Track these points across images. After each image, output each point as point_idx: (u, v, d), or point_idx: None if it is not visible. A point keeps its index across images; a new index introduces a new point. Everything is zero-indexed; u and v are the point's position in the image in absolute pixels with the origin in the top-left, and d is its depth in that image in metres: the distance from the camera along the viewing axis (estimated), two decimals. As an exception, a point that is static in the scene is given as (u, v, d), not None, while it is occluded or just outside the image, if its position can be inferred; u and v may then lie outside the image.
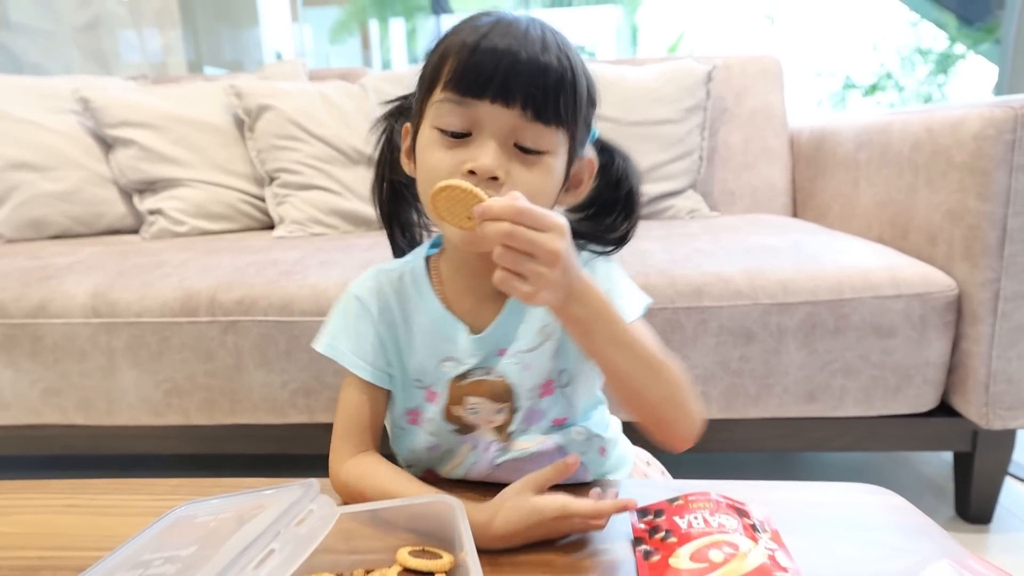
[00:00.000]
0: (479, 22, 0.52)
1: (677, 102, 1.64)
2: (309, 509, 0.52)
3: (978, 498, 1.16)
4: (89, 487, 0.71)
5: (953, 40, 3.67)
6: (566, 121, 0.52)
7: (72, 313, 1.12)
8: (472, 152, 0.51)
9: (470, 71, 0.50)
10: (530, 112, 0.50)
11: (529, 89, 0.50)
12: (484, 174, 0.50)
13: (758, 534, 0.56)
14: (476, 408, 0.61)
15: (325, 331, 0.63)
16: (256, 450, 1.21)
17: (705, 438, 1.19)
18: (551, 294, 0.47)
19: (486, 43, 0.50)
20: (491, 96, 0.50)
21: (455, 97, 0.51)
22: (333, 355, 0.62)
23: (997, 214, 0.99)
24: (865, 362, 1.07)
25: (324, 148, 1.58)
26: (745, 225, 1.42)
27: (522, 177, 0.52)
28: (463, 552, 0.50)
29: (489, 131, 0.51)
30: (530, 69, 0.50)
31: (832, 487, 0.67)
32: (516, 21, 0.52)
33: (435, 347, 0.61)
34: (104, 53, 4.82)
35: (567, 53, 0.52)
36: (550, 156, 0.53)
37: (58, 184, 1.58)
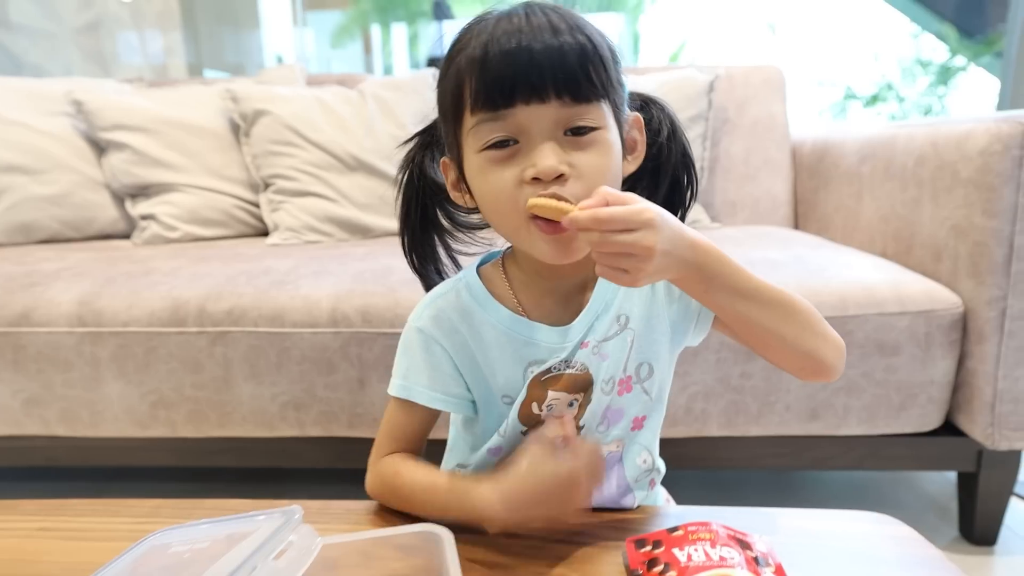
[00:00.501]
0: (480, 29, 0.50)
1: (679, 112, 1.58)
2: (289, 540, 0.50)
3: (982, 519, 1.13)
4: (65, 508, 0.68)
5: (954, 52, 3.66)
6: (604, 91, 0.50)
7: (56, 322, 1.09)
8: (529, 159, 0.49)
9: (491, 85, 0.49)
10: (567, 98, 0.49)
11: (556, 78, 0.48)
12: (548, 176, 0.48)
13: (761, 568, 0.54)
14: (553, 403, 0.59)
15: (396, 372, 0.60)
16: (245, 464, 1.18)
17: (705, 455, 1.18)
18: (656, 277, 0.48)
19: (495, 50, 0.48)
20: (522, 99, 0.48)
21: (488, 115, 0.49)
22: (408, 396, 0.59)
23: (1004, 231, 0.96)
24: (868, 380, 1.05)
25: (320, 154, 1.56)
26: (746, 238, 1.40)
27: (585, 162, 0.50)
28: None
29: (536, 131, 0.49)
30: (549, 58, 0.48)
31: (838, 515, 0.64)
32: (515, 14, 0.50)
33: (516, 355, 0.58)
34: (104, 55, 4.80)
35: (577, 25, 0.50)
36: (604, 131, 0.51)
37: (49, 188, 1.56)
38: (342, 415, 1.10)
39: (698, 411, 1.07)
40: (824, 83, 4.19)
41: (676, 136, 0.60)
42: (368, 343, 1.06)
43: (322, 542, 0.52)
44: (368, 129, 1.59)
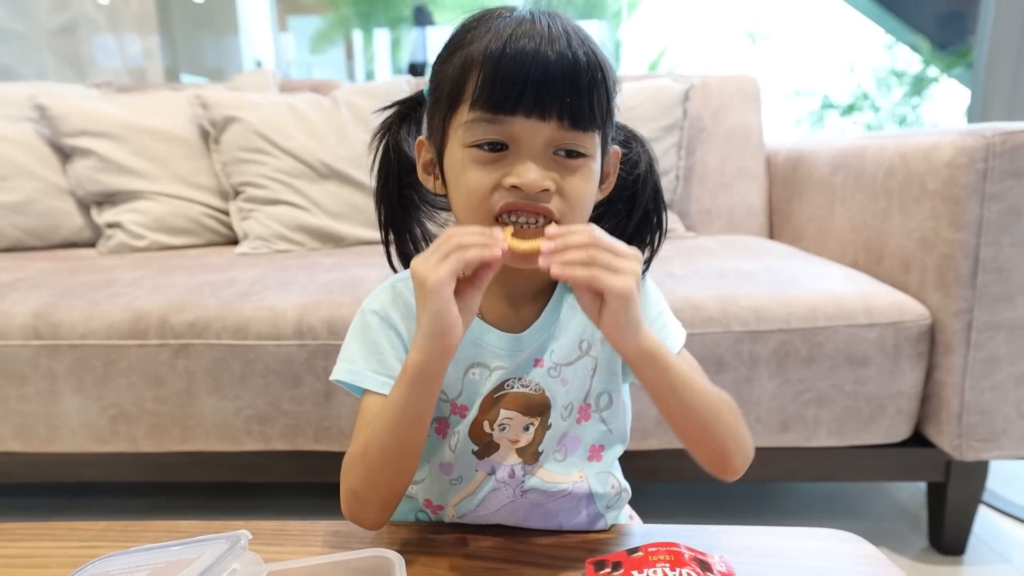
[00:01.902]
0: (497, 25, 0.49)
1: (654, 121, 1.62)
2: (232, 568, 0.48)
3: (951, 529, 1.13)
4: (6, 532, 0.65)
5: (927, 63, 3.73)
6: (601, 122, 0.50)
7: (11, 335, 1.06)
8: (513, 168, 0.49)
9: (499, 86, 0.47)
10: (567, 122, 0.48)
11: (563, 98, 0.47)
12: (531, 189, 0.48)
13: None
14: (506, 424, 0.57)
15: (343, 357, 0.58)
16: (209, 479, 1.16)
17: (678, 468, 1.17)
18: (628, 309, 0.47)
19: (511, 49, 0.47)
20: (525, 111, 0.47)
21: (486, 116, 0.48)
22: (355, 380, 0.56)
23: (969, 243, 0.97)
24: (838, 392, 1.05)
25: (292, 162, 1.54)
26: (720, 248, 1.40)
27: (570, 184, 0.50)
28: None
29: (527, 144, 0.49)
30: (562, 76, 0.47)
31: (801, 533, 0.63)
32: (536, 19, 0.49)
33: (461, 352, 0.56)
34: (79, 58, 4.73)
35: (591, 47, 0.49)
36: (591, 159, 0.51)
37: (10, 195, 1.52)
38: (308, 429, 1.08)
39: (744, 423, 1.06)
40: (802, 92, 4.24)
41: (652, 174, 0.60)
42: (334, 355, 1.02)
43: (267, 568, 0.50)
44: (341, 136, 1.58)
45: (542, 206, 0.49)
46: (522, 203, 0.49)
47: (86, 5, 4.74)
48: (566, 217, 0.51)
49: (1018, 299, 0.97)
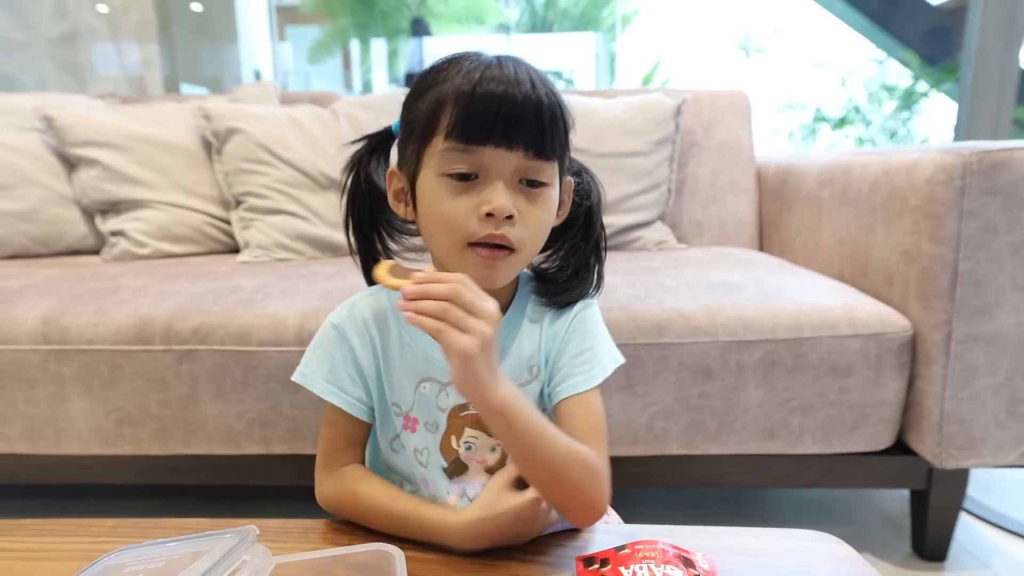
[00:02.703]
0: (467, 67, 0.54)
1: (646, 135, 1.66)
2: (243, 559, 0.51)
3: (933, 536, 1.17)
4: (21, 528, 0.68)
5: (917, 78, 3.79)
6: (559, 152, 0.56)
7: (20, 339, 1.09)
8: (484, 195, 0.54)
9: (472, 120, 0.53)
10: (532, 152, 0.54)
11: (529, 131, 0.53)
12: (501, 214, 0.53)
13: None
14: (471, 443, 0.62)
15: (304, 362, 0.63)
16: (211, 481, 1.18)
17: (666, 473, 1.20)
18: (467, 364, 0.49)
19: (482, 90, 0.52)
20: (495, 142, 0.53)
21: (459, 146, 0.53)
22: (305, 383, 0.62)
23: (948, 258, 1.01)
24: (823, 400, 1.08)
25: (292, 172, 1.57)
26: (710, 259, 1.44)
27: (530, 212, 0.56)
28: (401, 604, 0.49)
29: (496, 173, 0.54)
30: (527, 112, 0.53)
31: (781, 534, 0.66)
32: (503, 63, 0.55)
33: (413, 367, 0.62)
34: (79, 66, 4.77)
35: (549, 87, 0.55)
36: (550, 187, 0.57)
37: (17, 203, 1.55)
38: (308, 433, 1.11)
39: (658, 430, 1.10)
40: (795, 106, 4.30)
41: (599, 211, 0.66)
42: (335, 362, 1.07)
43: (276, 561, 0.53)
44: (340, 148, 1.61)
45: (508, 237, 0.54)
46: (497, 235, 0.54)
47: (86, 14, 4.79)
48: (525, 244, 0.56)
49: (995, 312, 1.01)
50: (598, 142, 1.63)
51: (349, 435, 0.64)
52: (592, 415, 0.61)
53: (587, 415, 0.60)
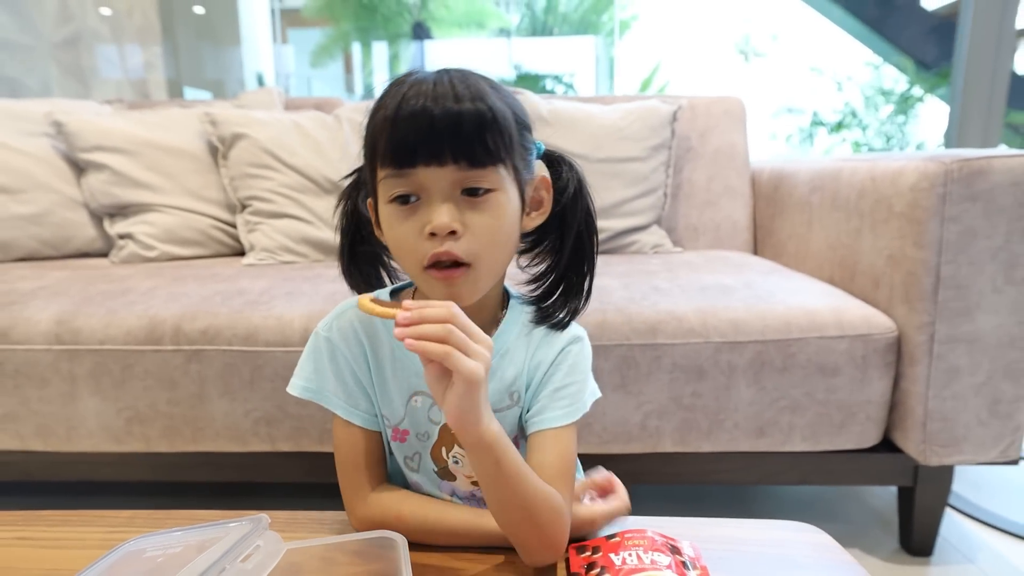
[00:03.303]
0: (396, 91, 0.54)
1: (643, 140, 1.69)
2: (256, 544, 0.54)
3: (920, 531, 1.20)
4: (42, 519, 0.72)
5: (912, 83, 3.83)
6: (499, 157, 0.55)
7: (34, 340, 1.12)
8: (427, 215, 0.54)
9: (396, 145, 0.53)
10: (463, 163, 0.53)
11: (453, 145, 0.52)
12: (442, 231, 0.53)
13: (688, 570, 0.59)
14: (459, 458, 0.63)
15: (298, 374, 0.64)
16: (217, 478, 1.22)
17: (660, 471, 1.23)
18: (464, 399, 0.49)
19: (402, 113, 0.53)
20: (423, 162, 0.53)
21: (394, 171, 0.54)
22: (311, 397, 0.63)
23: (931, 262, 1.04)
24: (811, 399, 1.12)
25: (297, 177, 1.61)
26: (704, 263, 1.47)
27: (477, 221, 0.54)
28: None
29: (435, 190, 0.54)
30: (447, 126, 0.52)
31: (764, 525, 0.70)
32: (424, 80, 0.54)
33: (404, 381, 0.62)
34: (83, 69, 4.80)
35: (479, 94, 0.54)
36: (497, 192, 0.55)
37: (28, 207, 1.58)
38: (312, 430, 1.14)
39: (652, 428, 1.13)
40: (793, 110, 4.34)
41: (582, 195, 0.63)
42: (339, 362, 1.10)
43: (287, 547, 0.56)
44: (344, 153, 1.65)
45: (453, 253, 0.53)
46: (441, 252, 0.53)
47: (90, 18, 4.82)
48: (479, 256, 0.55)
49: (975, 314, 1.04)
50: (596, 148, 1.67)
51: (370, 452, 0.64)
52: (564, 453, 0.60)
53: (559, 452, 0.60)
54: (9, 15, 4.00)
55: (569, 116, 1.71)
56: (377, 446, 0.65)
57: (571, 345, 0.63)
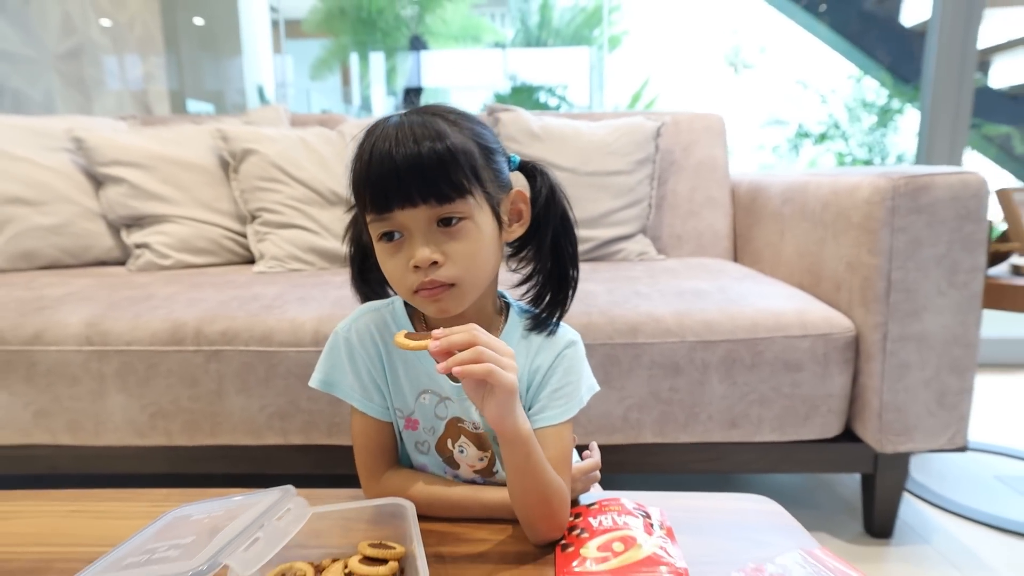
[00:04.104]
0: (367, 143, 0.60)
1: (629, 155, 1.80)
2: (287, 507, 0.64)
3: (880, 515, 1.30)
4: (88, 496, 0.81)
5: (891, 96, 3.96)
6: (465, 189, 0.60)
7: (66, 341, 1.22)
8: (410, 250, 0.61)
9: (371, 195, 0.60)
10: (432, 200, 0.59)
11: (419, 187, 0.58)
12: (424, 264, 0.60)
13: (655, 530, 0.70)
14: (463, 448, 0.71)
15: (319, 369, 0.71)
16: (233, 470, 1.31)
17: (641, 461, 1.34)
18: (500, 407, 0.57)
19: (375, 164, 0.59)
20: (398, 206, 0.59)
21: (376, 216, 0.61)
22: (329, 390, 0.70)
23: (883, 268, 1.15)
24: (777, 393, 1.22)
25: (303, 190, 1.71)
26: (684, 269, 1.58)
27: (454, 249, 0.61)
28: (412, 545, 0.62)
29: (413, 227, 0.60)
30: (409, 170, 0.58)
31: (723, 497, 0.80)
32: (387, 126, 0.60)
33: (415, 381, 0.69)
34: (85, 80, 4.89)
35: (437, 134, 0.59)
36: (469, 220, 0.61)
37: (50, 218, 1.68)
38: (322, 424, 1.24)
39: (633, 420, 1.23)
40: (780, 122, 4.46)
41: (555, 199, 0.69)
42: (346, 361, 1.20)
43: (312, 511, 0.66)
44: (347, 167, 1.75)
45: (436, 281, 0.60)
46: (426, 282, 0.61)
47: (92, 30, 4.92)
48: (461, 277, 0.61)
49: (923, 315, 1.15)
50: (584, 162, 1.77)
51: (382, 442, 0.72)
52: (563, 446, 0.67)
53: (558, 446, 0.67)
54: (13, 28, 4.09)
55: (559, 132, 1.82)
56: (389, 435, 0.73)
57: (566, 350, 0.70)
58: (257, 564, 0.56)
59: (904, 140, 4.05)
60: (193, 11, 5.39)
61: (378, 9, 5.93)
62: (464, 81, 6.34)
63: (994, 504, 1.44)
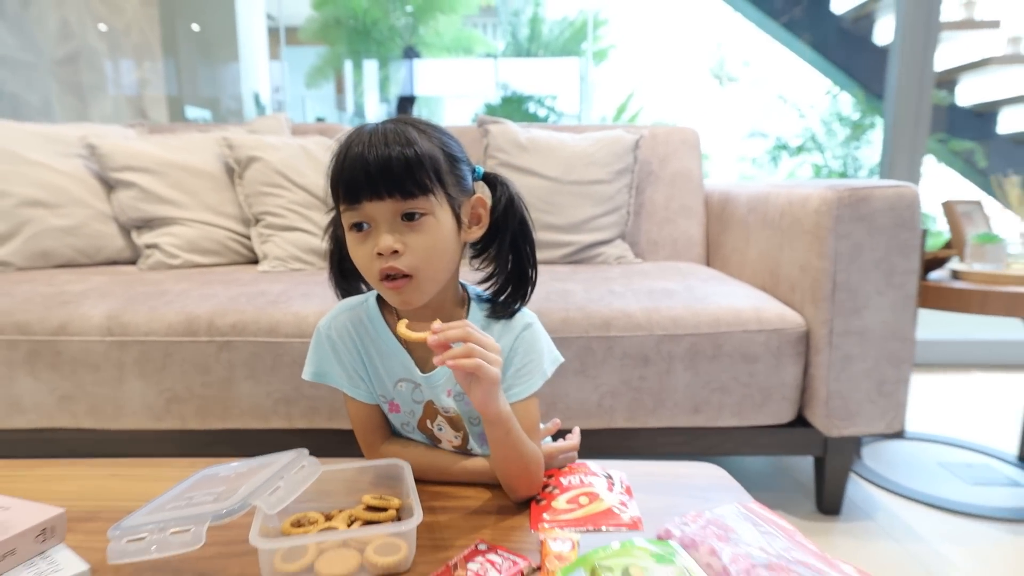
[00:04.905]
0: (345, 144, 0.68)
1: (609, 165, 1.92)
2: (302, 464, 0.75)
3: (829, 494, 1.43)
4: (123, 463, 0.91)
5: (864, 111, 4.13)
6: (429, 187, 0.67)
7: (89, 332, 1.32)
8: (375, 240, 0.68)
9: (348, 184, 0.67)
10: (397, 195, 0.66)
11: (386, 183, 0.66)
12: (385, 251, 0.67)
13: (615, 488, 0.82)
14: (441, 426, 0.81)
15: (310, 362, 0.82)
16: (242, 452, 1.39)
17: (614, 444, 1.46)
18: (485, 391, 0.66)
19: (350, 159, 0.66)
20: (367, 198, 0.66)
21: (347, 206, 0.68)
22: (321, 380, 0.81)
23: (829, 270, 1.28)
24: (736, 383, 1.35)
25: (304, 195, 1.82)
26: (656, 271, 1.70)
27: (415, 241, 0.68)
28: (408, 498, 0.73)
29: (380, 218, 0.68)
30: (379, 168, 0.65)
31: (678, 464, 0.91)
32: (365, 132, 0.67)
33: (391, 371, 0.79)
34: (83, 86, 4.97)
35: (407, 140, 0.66)
36: (430, 216, 0.68)
37: (65, 220, 1.78)
38: (324, 409, 1.35)
39: (607, 407, 1.35)
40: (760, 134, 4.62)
41: (514, 206, 0.76)
42: (346, 351, 1.31)
43: (323, 468, 0.77)
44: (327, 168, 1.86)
45: (397, 268, 0.67)
46: (387, 268, 0.68)
47: (90, 36, 5.00)
48: (418, 268, 0.68)
49: (863, 312, 1.28)
50: (567, 172, 1.90)
51: (375, 419, 0.83)
52: (531, 416, 0.76)
53: (527, 416, 0.75)
54: (12, 34, 4.17)
55: (544, 143, 1.94)
56: (380, 413, 0.83)
57: (524, 332, 0.78)
58: (279, 506, 0.67)
59: (876, 153, 4.22)
60: (190, 17, 5.46)
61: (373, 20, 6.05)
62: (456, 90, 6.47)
63: (935, 486, 1.57)
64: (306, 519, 0.74)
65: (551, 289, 1.42)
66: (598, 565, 0.63)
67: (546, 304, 1.35)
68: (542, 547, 0.67)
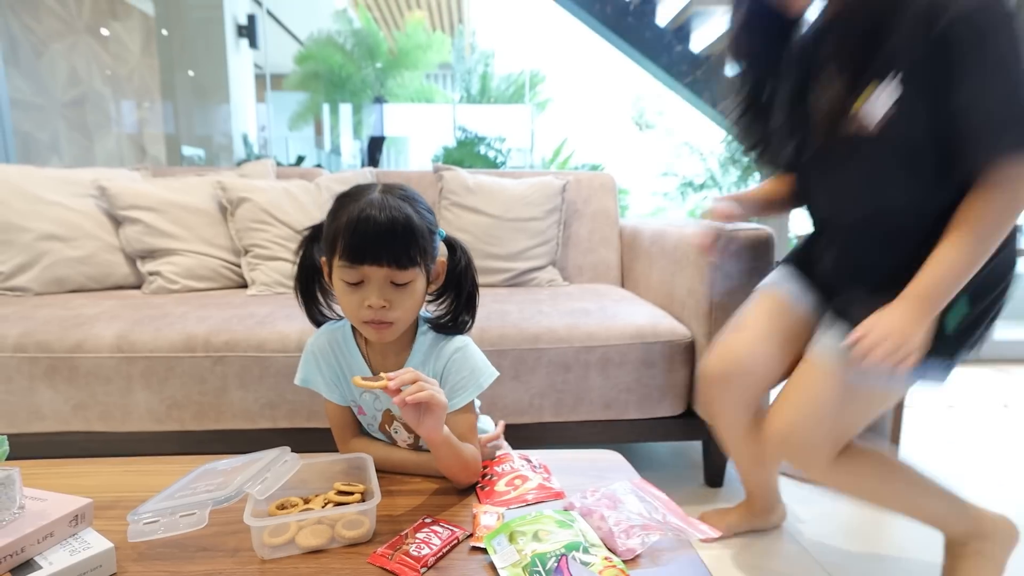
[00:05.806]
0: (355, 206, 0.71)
1: (541, 205, 2.02)
2: (285, 460, 0.81)
3: (713, 471, 1.55)
4: (135, 461, 0.94)
5: (750, 157, 4.38)
6: (417, 260, 0.74)
7: (102, 349, 1.34)
8: (366, 294, 0.73)
9: (353, 248, 0.71)
10: (394, 265, 0.73)
11: (388, 255, 0.71)
12: (376, 306, 0.73)
13: (538, 471, 0.90)
14: (397, 429, 0.88)
15: (300, 371, 0.88)
16: (233, 450, 1.40)
17: (542, 437, 1.55)
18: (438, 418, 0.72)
19: (360, 227, 0.70)
20: (369, 262, 0.72)
21: (347, 264, 0.72)
22: (307, 386, 0.87)
23: (707, 293, 1.40)
24: (639, 383, 1.45)
25: (287, 230, 1.86)
26: (579, 293, 1.81)
27: (399, 299, 0.75)
28: (371, 484, 0.79)
29: (373, 279, 0.73)
30: (387, 240, 0.70)
31: (581, 452, 0.99)
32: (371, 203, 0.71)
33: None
34: (88, 125, 4.85)
35: (406, 216, 0.71)
36: (413, 283, 0.76)
37: (78, 251, 1.77)
38: (303, 411, 1.40)
39: (536, 405, 1.44)
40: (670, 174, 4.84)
41: (469, 267, 0.85)
42: (323, 363, 1.36)
43: (304, 461, 0.83)
44: (323, 212, 1.87)
45: (383, 317, 0.74)
46: (375, 318, 0.74)
47: (96, 81, 4.88)
48: (399, 318, 0.75)
49: (734, 326, 1.41)
50: (507, 210, 1.99)
51: (348, 419, 0.89)
52: (468, 421, 0.82)
53: (465, 421, 0.82)
54: (25, 79, 4.06)
55: (488, 187, 2.03)
56: (351, 414, 0.90)
57: (455, 354, 0.83)
58: (267, 493, 0.73)
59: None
60: (187, 65, 5.39)
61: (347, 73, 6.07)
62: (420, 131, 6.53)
63: (796, 462, 1.71)
64: (288, 503, 0.80)
65: (491, 310, 1.51)
66: (515, 531, 0.71)
67: (487, 322, 1.43)
68: (474, 520, 0.75)
